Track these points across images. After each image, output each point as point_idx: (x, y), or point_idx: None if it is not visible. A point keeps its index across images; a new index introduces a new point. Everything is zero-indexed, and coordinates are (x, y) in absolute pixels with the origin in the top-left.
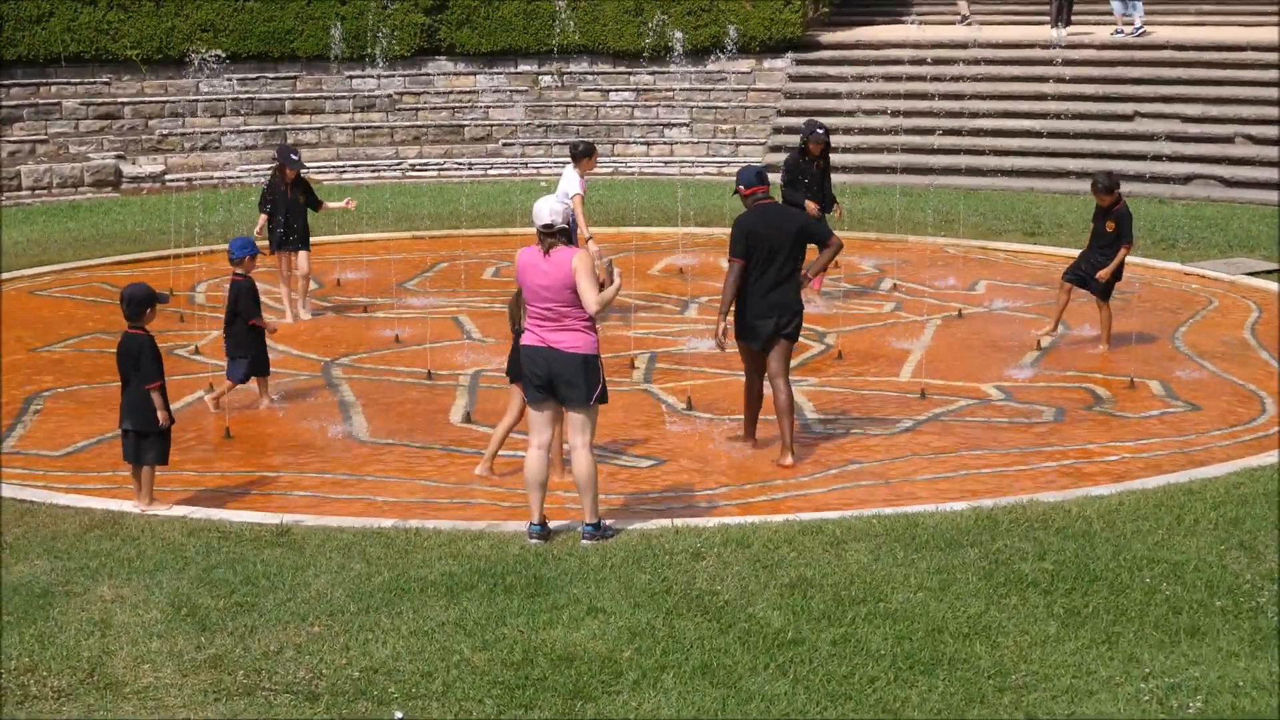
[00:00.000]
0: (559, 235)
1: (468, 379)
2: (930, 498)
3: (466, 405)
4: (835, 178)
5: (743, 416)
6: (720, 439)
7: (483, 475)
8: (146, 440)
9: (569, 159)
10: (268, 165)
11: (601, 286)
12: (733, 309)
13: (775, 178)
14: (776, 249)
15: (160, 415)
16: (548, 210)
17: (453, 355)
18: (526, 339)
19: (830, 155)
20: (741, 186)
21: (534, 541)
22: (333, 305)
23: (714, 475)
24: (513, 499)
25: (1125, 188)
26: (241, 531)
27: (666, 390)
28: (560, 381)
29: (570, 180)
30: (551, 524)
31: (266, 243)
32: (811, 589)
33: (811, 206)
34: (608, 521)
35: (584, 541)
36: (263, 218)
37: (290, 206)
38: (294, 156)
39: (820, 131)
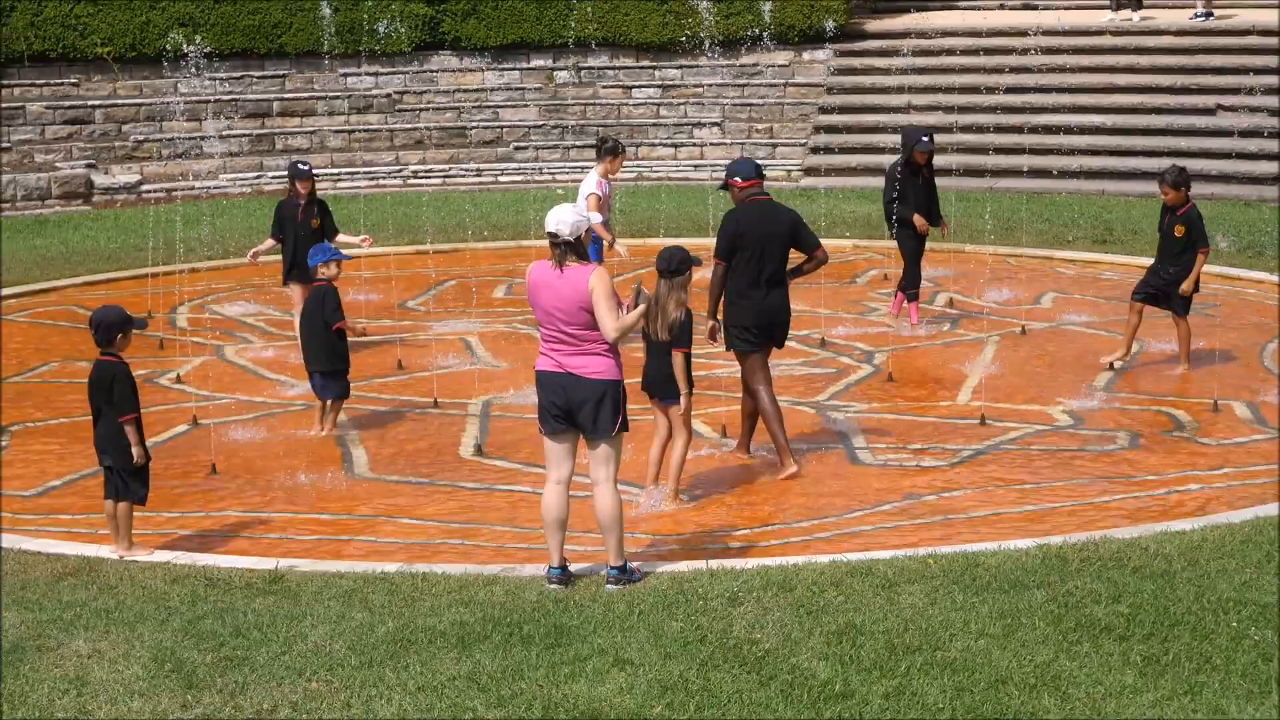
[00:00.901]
0: (567, 250)
1: (478, 408)
2: (992, 535)
3: (477, 437)
4: (883, 180)
5: (781, 437)
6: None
7: (671, 509)
8: (127, 478)
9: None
10: (253, 175)
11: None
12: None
13: (811, 181)
14: (767, 250)
15: (135, 451)
16: (554, 219)
17: (462, 382)
18: (541, 363)
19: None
20: (739, 179)
21: (554, 586)
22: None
23: (752, 511)
24: (530, 539)
25: (1206, 189)
26: (230, 578)
27: (699, 419)
28: (580, 411)
29: (589, 181)
30: (573, 567)
31: (256, 259)
32: (861, 636)
33: (920, 222)
34: (634, 564)
35: (609, 586)
36: (270, 241)
37: (302, 232)
38: (303, 166)
39: (926, 140)
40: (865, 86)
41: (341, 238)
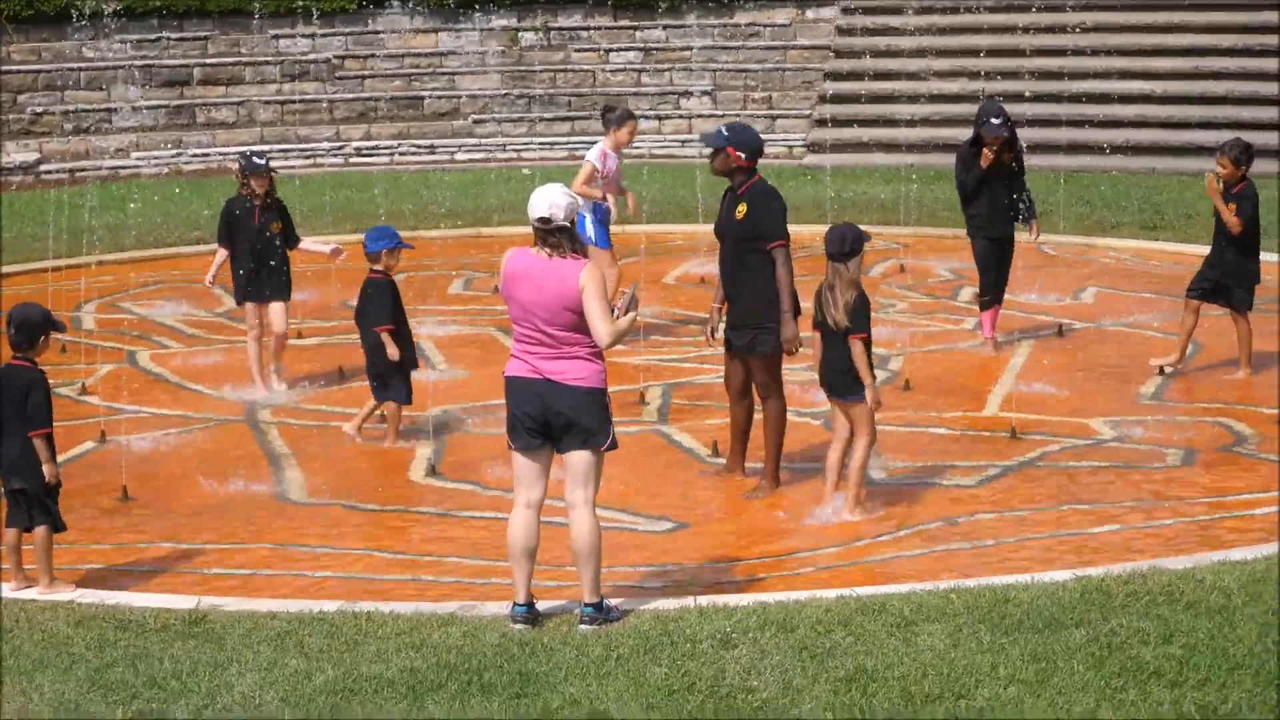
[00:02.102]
0: (560, 236)
1: (432, 422)
2: (1024, 565)
3: (431, 456)
4: (900, 158)
5: (777, 453)
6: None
7: (856, 518)
8: (43, 499)
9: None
10: (171, 153)
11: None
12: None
13: (816, 159)
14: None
15: (47, 469)
16: (546, 202)
17: (413, 392)
18: (513, 367)
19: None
20: (743, 155)
21: (519, 627)
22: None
23: (748, 540)
24: (492, 573)
25: (1269, 166)
26: (144, 620)
27: (686, 432)
28: (559, 422)
29: (591, 153)
30: (540, 604)
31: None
32: (873, 684)
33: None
34: (612, 601)
35: (582, 626)
36: (221, 253)
37: (259, 239)
38: (258, 160)
39: (998, 121)
40: (878, 49)
41: (307, 245)
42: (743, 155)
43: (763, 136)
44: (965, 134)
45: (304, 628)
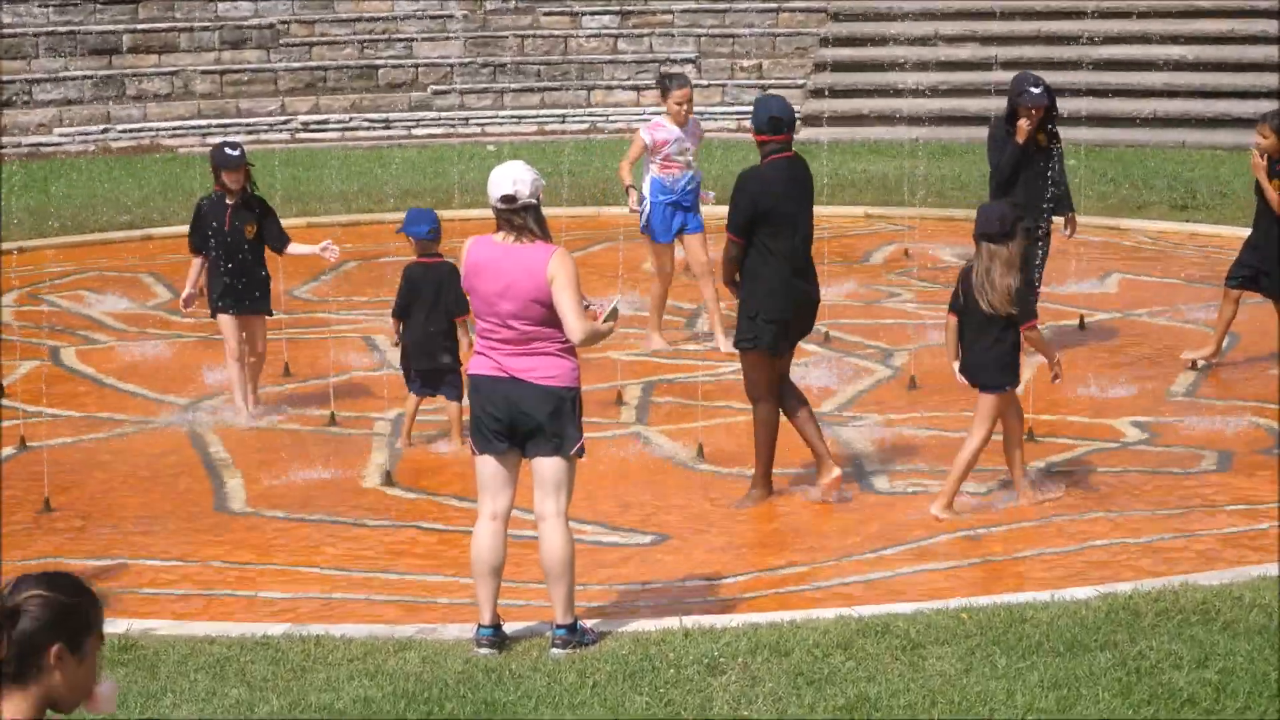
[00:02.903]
0: (526, 216)
1: (387, 425)
2: (1043, 581)
3: (385, 462)
4: (906, 131)
5: (766, 459)
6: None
7: (941, 517)
8: None
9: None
10: (98, 129)
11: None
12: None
13: (811, 133)
14: (798, 218)
15: None
16: (509, 178)
17: (366, 392)
18: (477, 365)
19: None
20: (752, 128)
21: (484, 651)
22: (193, 321)
23: (737, 554)
24: (453, 591)
25: None
26: None
27: (668, 435)
28: (526, 425)
29: (644, 128)
30: (508, 626)
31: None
32: (877, 713)
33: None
34: (588, 622)
35: (555, 650)
36: (197, 261)
37: (236, 244)
38: (231, 151)
39: (1038, 90)
40: (879, 12)
41: (294, 249)
42: (752, 128)
43: (748, 109)
44: (975, 105)
45: (246, 654)
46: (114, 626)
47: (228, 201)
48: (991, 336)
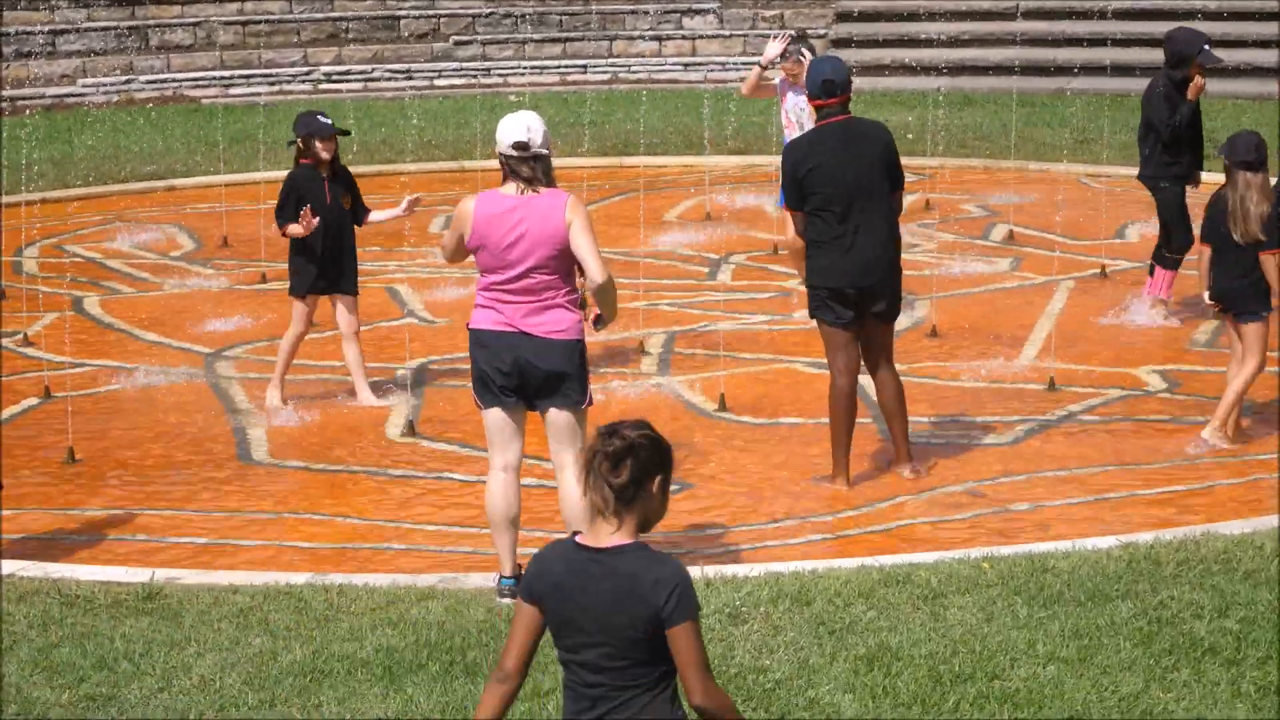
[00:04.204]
0: (538, 166)
1: (409, 375)
2: (1064, 531)
3: (409, 412)
4: (925, 81)
5: (832, 440)
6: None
7: (1213, 443)
8: None
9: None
10: (122, 79)
11: (597, 322)
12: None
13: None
14: (859, 186)
15: None
16: (522, 125)
17: (388, 342)
18: (482, 319)
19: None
20: (823, 95)
21: (505, 601)
22: (219, 273)
23: (759, 504)
24: (475, 541)
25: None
26: (93, 594)
27: (689, 385)
28: (536, 379)
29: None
30: None
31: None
32: (898, 663)
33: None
34: None
35: None
36: (294, 228)
37: (337, 220)
38: (324, 118)
39: (1210, 48)
40: None
41: (376, 215)
42: (807, 93)
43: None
44: (997, 54)
45: (269, 603)
46: (138, 575)
47: (322, 174)
48: (1245, 265)
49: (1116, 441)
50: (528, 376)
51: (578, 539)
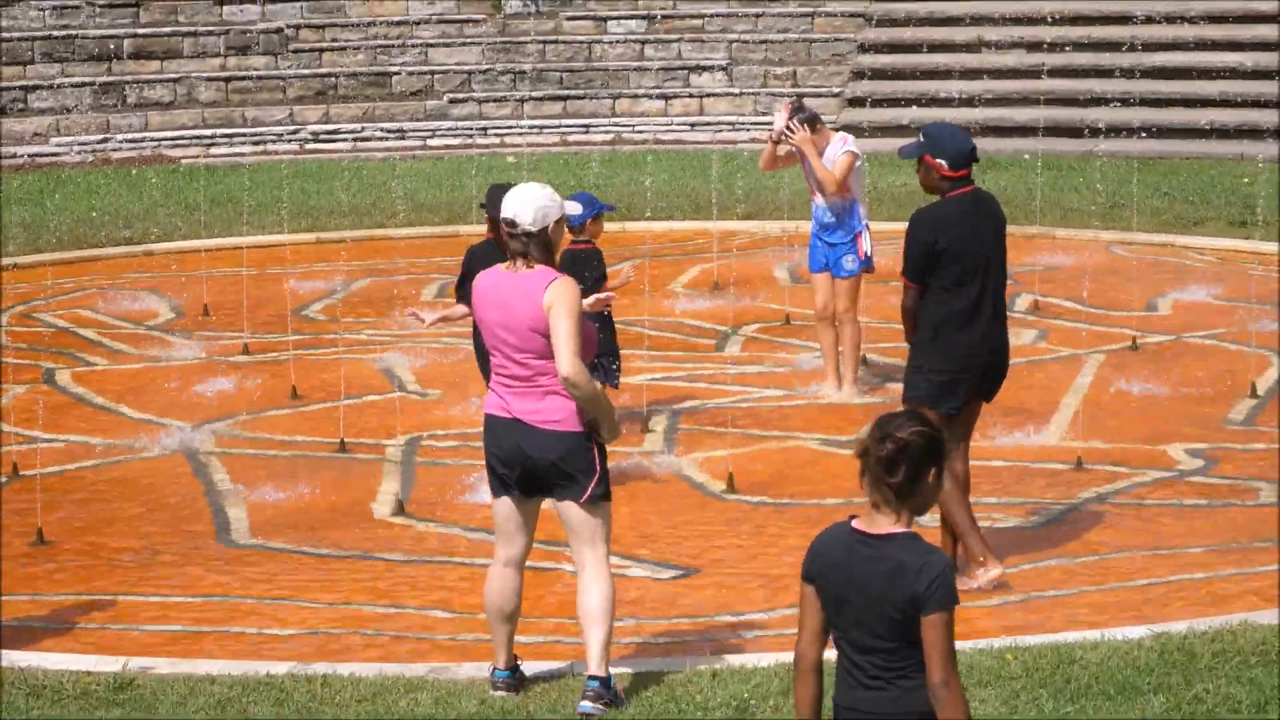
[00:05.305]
0: (529, 243)
1: (399, 451)
2: (1093, 620)
3: (398, 491)
4: None
5: (962, 531)
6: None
7: None
8: None
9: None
10: (97, 139)
11: (595, 429)
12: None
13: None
14: (982, 262)
15: None
16: (514, 200)
17: (377, 416)
18: (489, 403)
19: None
20: (944, 162)
21: (500, 694)
22: (197, 342)
23: (768, 589)
24: (469, 627)
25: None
26: (62, 685)
27: (696, 464)
28: (536, 471)
29: (851, 139)
30: (526, 666)
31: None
32: None
33: None
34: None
35: (585, 704)
36: (460, 308)
37: None
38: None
39: None
40: (920, 16)
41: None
42: (944, 163)
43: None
44: (1022, 114)
45: (248, 694)
46: (109, 664)
47: (504, 253)
48: None
49: (1148, 525)
50: (528, 468)
51: (854, 523)
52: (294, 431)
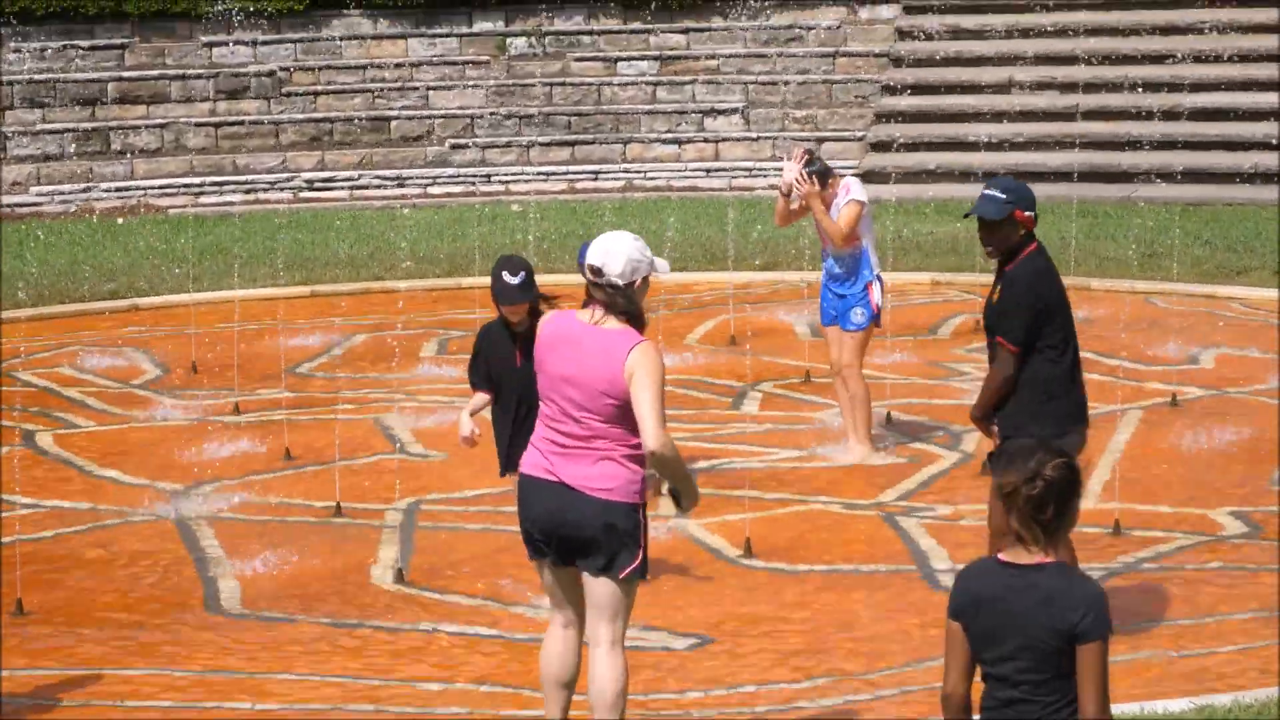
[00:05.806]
0: (615, 295)
1: (399, 516)
2: (1132, 692)
3: (398, 558)
4: (974, 188)
5: None
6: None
7: None
8: None
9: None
10: (80, 188)
11: (676, 499)
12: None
13: (870, 190)
14: (1071, 317)
15: None
16: (602, 248)
17: (375, 479)
18: (528, 462)
19: None
20: (1031, 214)
21: None
22: (185, 401)
23: (790, 659)
24: (473, 700)
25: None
26: None
27: (711, 528)
28: (572, 540)
29: (856, 186)
30: None
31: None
32: None
33: None
34: None
35: None
36: (481, 397)
37: (519, 386)
38: (511, 279)
39: None
40: (947, 56)
41: None
42: (1032, 215)
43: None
44: (1057, 158)
45: None
46: None
47: (513, 326)
48: None
49: (1189, 592)
50: (564, 536)
51: (1000, 556)
52: (289, 494)
